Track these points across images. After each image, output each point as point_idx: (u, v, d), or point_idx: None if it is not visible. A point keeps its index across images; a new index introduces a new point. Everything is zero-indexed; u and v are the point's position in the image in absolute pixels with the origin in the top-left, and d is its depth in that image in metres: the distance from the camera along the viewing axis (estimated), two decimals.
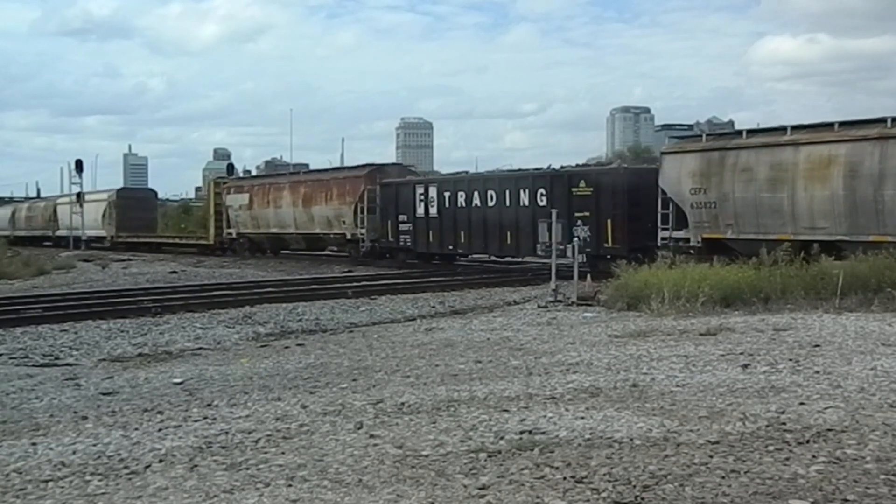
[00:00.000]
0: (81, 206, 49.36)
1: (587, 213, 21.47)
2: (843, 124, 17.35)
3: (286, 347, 11.36)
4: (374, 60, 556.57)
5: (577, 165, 26.15)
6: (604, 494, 4.31)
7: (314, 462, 5.08)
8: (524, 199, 23.45)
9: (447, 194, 26.00)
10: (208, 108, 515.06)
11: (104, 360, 10.72)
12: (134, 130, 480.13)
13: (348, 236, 29.61)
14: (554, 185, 22.77)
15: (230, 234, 36.56)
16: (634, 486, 4.40)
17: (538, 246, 23.08)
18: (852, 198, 16.48)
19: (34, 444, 5.86)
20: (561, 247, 17.18)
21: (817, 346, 8.95)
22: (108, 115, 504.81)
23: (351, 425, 6.00)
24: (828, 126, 17.66)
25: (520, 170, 26.25)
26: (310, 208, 31.56)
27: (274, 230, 33.92)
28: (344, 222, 29.69)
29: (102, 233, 48.20)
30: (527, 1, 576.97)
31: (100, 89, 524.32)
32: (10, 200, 76.65)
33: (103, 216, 48.14)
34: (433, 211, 26.36)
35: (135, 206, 48.55)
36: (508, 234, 23.79)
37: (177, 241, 43.93)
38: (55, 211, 55.29)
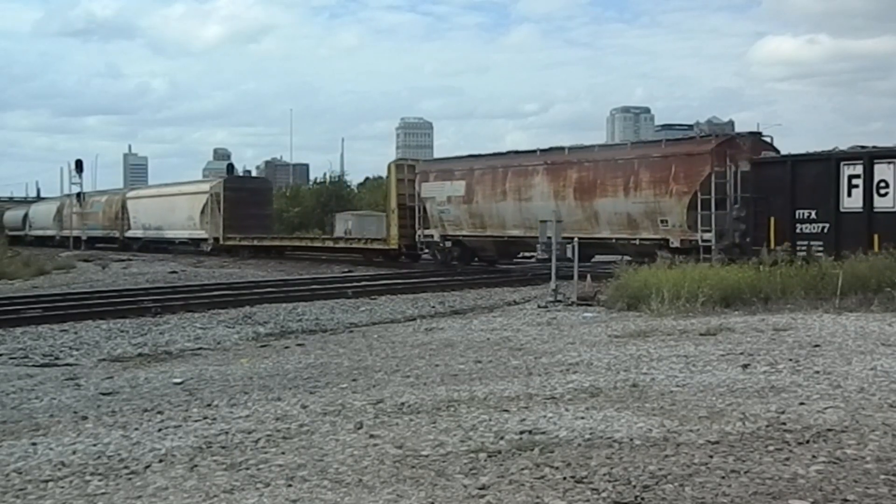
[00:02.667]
0: (81, 205, 48.45)
1: None
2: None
3: (286, 347, 11.36)
4: (375, 61, 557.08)
5: None
6: (604, 494, 4.31)
7: (314, 462, 5.08)
8: None
9: None
10: (210, 108, 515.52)
11: (104, 360, 10.72)
12: (135, 130, 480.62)
13: (674, 242, 19.60)
14: None
15: (429, 236, 26.07)
16: (634, 486, 4.40)
17: (538, 246, 23.08)
18: None
19: (34, 444, 5.86)
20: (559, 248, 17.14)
21: (817, 346, 8.95)
22: (110, 116, 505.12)
23: (351, 425, 6.00)
24: None
25: None
26: (591, 201, 21.57)
27: (514, 232, 23.44)
28: (664, 222, 20.01)
29: (201, 234, 38.16)
30: (528, 1, 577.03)
31: (102, 89, 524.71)
32: (23, 200, 72.99)
33: (202, 213, 37.95)
34: (886, 202, 16.11)
35: (247, 199, 37.71)
36: None
37: (329, 245, 33.13)
38: (124, 206, 45.49)
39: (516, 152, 24.81)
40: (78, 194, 49.05)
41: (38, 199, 72.18)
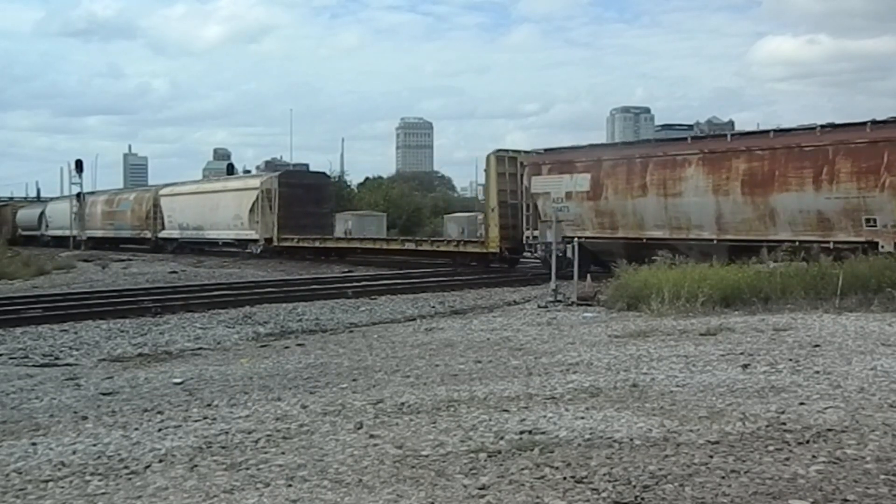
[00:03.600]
0: (82, 205, 48.08)
1: None
2: None
3: (286, 347, 11.36)
4: (375, 61, 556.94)
5: None
6: (604, 494, 4.31)
7: (314, 462, 5.08)
8: None
9: None
10: (210, 108, 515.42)
11: (104, 360, 10.72)
12: (136, 131, 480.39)
13: (886, 246, 16.31)
14: None
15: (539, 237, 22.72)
16: (634, 486, 4.40)
17: (538, 246, 23.12)
18: None
19: (34, 444, 5.86)
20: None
21: (817, 346, 8.95)
22: (110, 116, 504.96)
23: (351, 425, 6.00)
24: None
25: None
26: (766, 197, 18.20)
27: (655, 233, 20.11)
28: (871, 221, 16.66)
29: (250, 234, 34.42)
30: (528, 1, 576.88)
31: (103, 90, 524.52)
32: (37, 199, 69.98)
33: (251, 211, 34.19)
34: None
35: (303, 196, 33.73)
36: None
37: (410, 247, 28.80)
38: (157, 204, 41.80)
39: (659, 141, 22.21)
40: (78, 194, 48.36)
41: (38, 199, 71.73)
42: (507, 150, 25.13)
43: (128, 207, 44.58)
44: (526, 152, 24.80)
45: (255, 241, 34.04)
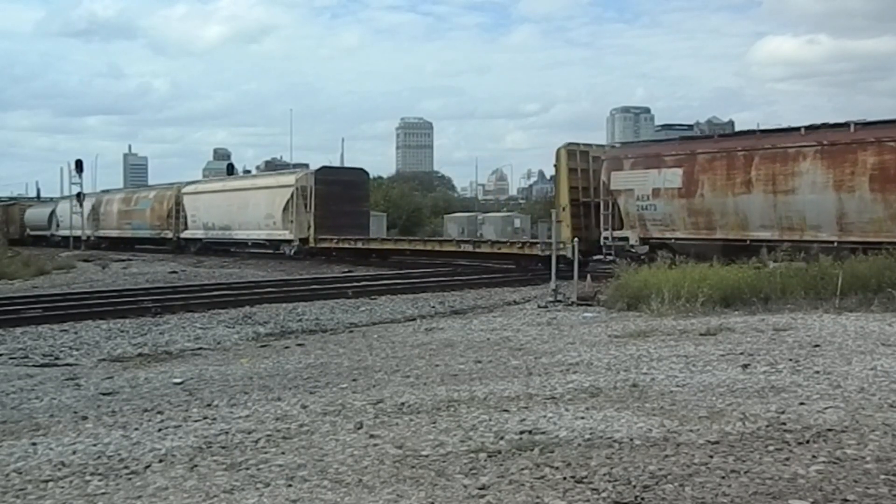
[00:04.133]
0: (81, 205, 47.86)
1: None
2: None
3: (286, 347, 11.36)
4: (376, 61, 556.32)
5: None
6: (604, 494, 4.31)
7: (314, 462, 5.08)
8: None
9: None
10: (211, 108, 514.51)
11: (104, 360, 10.72)
12: (136, 131, 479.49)
13: None
14: None
15: (622, 238, 20.94)
16: (634, 486, 4.40)
17: (538, 246, 23.13)
18: None
19: (34, 444, 5.86)
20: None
21: (817, 346, 8.95)
22: (111, 116, 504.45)
23: (351, 425, 6.00)
24: None
25: None
26: None
27: (762, 234, 18.24)
28: None
29: (283, 234, 32.36)
30: (528, 1, 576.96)
31: (103, 90, 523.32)
32: (49, 198, 66.42)
33: (284, 210, 32.18)
34: None
35: (340, 194, 31.55)
36: None
37: (467, 249, 26.65)
38: (179, 202, 39.47)
39: (766, 131, 19.98)
40: (78, 194, 48.04)
41: (38, 198, 71.51)
42: (577, 144, 23.07)
43: (147, 206, 42.00)
44: (598, 146, 23.32)
45: (289, 241, 31.98)
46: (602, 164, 21.61)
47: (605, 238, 21.23)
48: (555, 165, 23.24)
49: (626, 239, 20.70)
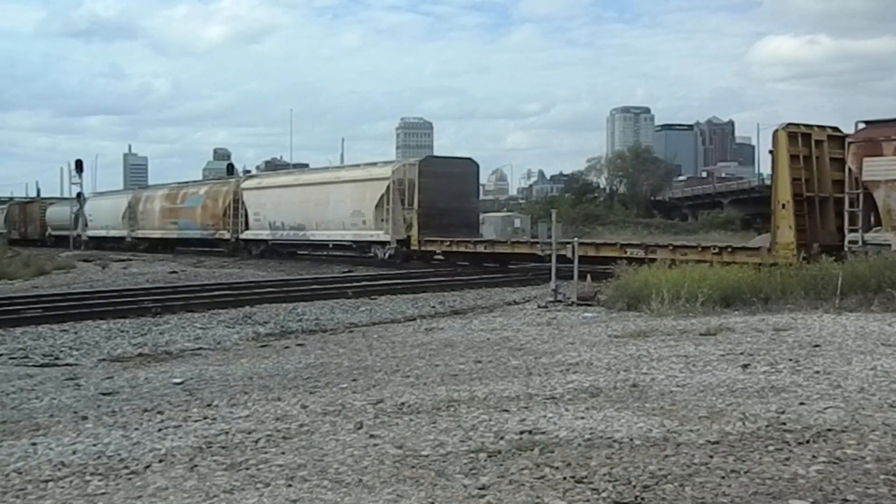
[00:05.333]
0: (81, 206, 47.64)
1: None
2: None
3: (286, 347, 11.36)
4: (377, 61, 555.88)
5: None
6: (604, 494, 4.31)
7: (314, 462, 5.08)
8: None
9: None
10: (211, 108, 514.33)
11: (104, 360, 10.71)
12: (137, 131, 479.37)
13: None
14: None
15: (879, 241, 16.47)
16: (634, 486, 4.40)
17: (539, 246, 23.08)
18: None
19: (34, 444, 5.86)
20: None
21: (817, 346, 8.95)
22: (111, 116, 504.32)
23: (351, 425, 6.00)
24: None
25: None
26: None
27: None
28: None
29: (377, 235, 27.80)
30: (528, 1, 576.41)
31: (104, 90, 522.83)
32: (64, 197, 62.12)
33: (377, 207, 27.67)
34: None
35: (447, 188, 27.16)
36: None
37: (635, 253, 20.27)
38: (238, 198, 34.53)
39: None
40: (78, 194, 47.84)
41: (38, 198, 71.37)
42: (798, 125, 18.70)
43: (197, 203, 36.97)
44: (822, 128, 18.99)
45: (383, 243, 27.62)
46: (848, 148, 17.28)
47: (853, 242, 16.80)
48: (771, 151, 18.91)
49: (887, 243, 16.08)
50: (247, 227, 34.20)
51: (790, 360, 8.11)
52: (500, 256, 25.74)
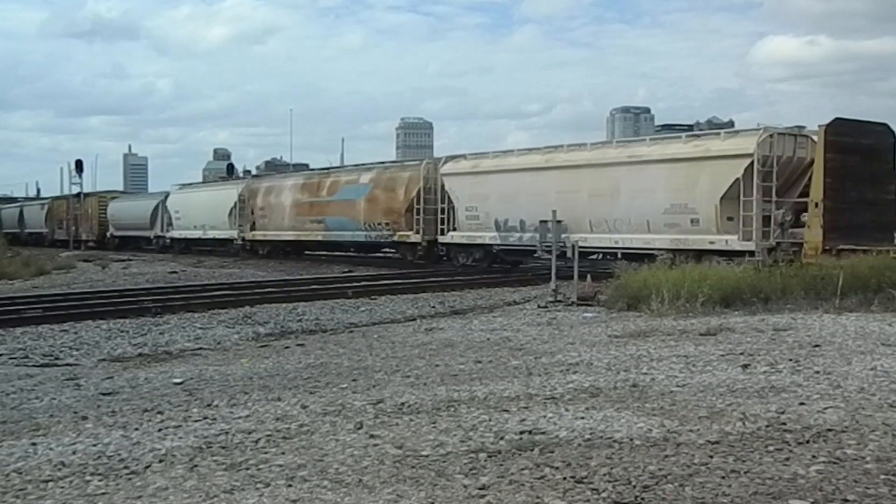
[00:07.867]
0: (81, 204, 47.50)
1: None
2: None
3: (286, 347, 11.36)
4: (378, 61, 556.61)
5: None
6: (604, 494, 4.31)
7: (314, 462, 5.08)
8: None
9: None
10: (213, 108, 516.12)
11: (104, 360, 10.72)
12: (138, 131, 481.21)
13: None
14: None
15: None
16: (634, 486, 4.40)
17: (539, 246, 23.02)
18: None
19: (34, 444, 5.86)
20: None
21: (817, 346, 8.95)
22: (113, 116, 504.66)
23: (351, 425, 6.00)
24: None
25: None
26: None
27: None
28: None
29: (721, 241, 17.82)
30: (530, 2, 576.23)
31: (106, 90, 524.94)
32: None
33: (725, 197, 17.97)
34: None
35: (859, 168, 17.18)
36: None
37: None
38: (432, 187, 25.68)
39: None
40: (77, 194, 47.88)
41: (38, 198, 71.23)
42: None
43: (359, 196, 28.08)
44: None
45: (737, 253, 17.38)
46: None
47: None
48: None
49: None
50: (454, 228, 25.18)
51: (790, 360, 8.11)
52: None
